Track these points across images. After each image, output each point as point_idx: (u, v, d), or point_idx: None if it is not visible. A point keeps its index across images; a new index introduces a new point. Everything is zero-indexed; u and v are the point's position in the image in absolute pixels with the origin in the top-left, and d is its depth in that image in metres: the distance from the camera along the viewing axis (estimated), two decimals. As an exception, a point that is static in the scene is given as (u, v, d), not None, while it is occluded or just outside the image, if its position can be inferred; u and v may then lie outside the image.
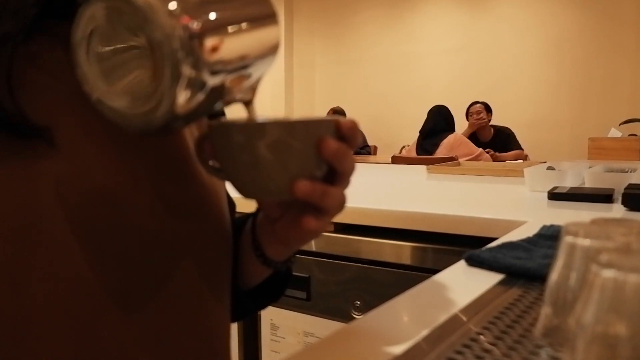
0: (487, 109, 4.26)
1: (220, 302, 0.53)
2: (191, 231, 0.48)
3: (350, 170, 0.43)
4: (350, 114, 5.30)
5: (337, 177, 0.43)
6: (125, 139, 0.44)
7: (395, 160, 3.45)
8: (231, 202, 0.58)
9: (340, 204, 0.43)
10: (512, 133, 4.27)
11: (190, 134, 0.50)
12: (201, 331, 0.50)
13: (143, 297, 0.45)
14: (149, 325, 0.45)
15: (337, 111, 5.06)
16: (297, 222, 0.43)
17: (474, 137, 4.08)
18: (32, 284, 0.39)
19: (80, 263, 0.41)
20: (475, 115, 4.19)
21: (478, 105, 4.23)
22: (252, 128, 0.40)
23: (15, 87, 0.39)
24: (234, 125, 0.41)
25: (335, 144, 0.40)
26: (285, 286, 0.61)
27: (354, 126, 0.42)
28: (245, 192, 0.44)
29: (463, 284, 0.57)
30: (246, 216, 0.57)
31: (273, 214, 0.49)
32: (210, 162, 0.45)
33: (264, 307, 0.64)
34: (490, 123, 4.27)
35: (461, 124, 4.18)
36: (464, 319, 0.46)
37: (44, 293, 0.40)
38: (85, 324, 0.41)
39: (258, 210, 0.54)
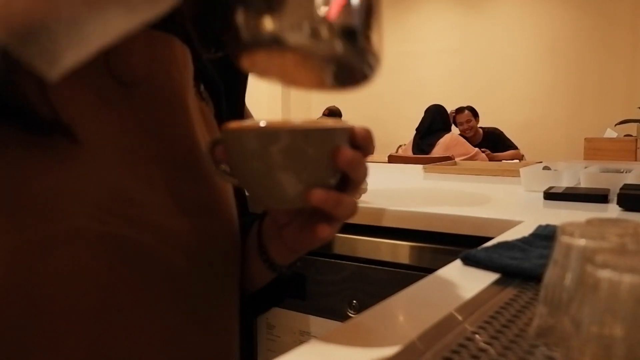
0: (474, 114, 4.23)
1: (231, 300, 0.53)
2: (204, 229, 0.48)
3: (363, 178, 0.43)
4: (347, 113, 5.30)
5: (349, 185, 0.43)
6: (140, 139, 0.44)
7: (392, 159, 3.45)
8: (244, 199, 0.58)
9: (352, 211, 0.43)
10: (502, 133, 4.27)
11: (202, 135, 0.50)
12: (214, 330, 0.50)
13: (158, 296, 0.45)
14: (164, 324, 0.45)
15: (333, 110, 5.05)
16: (310, 230, 0.44)
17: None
18: (45, 281, 0.39)
19: (96, 261, 0.41)
20: (465, 124, 4.17)
21: (466, 112, 4.20)
22: (266, 134, 0.39)
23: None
24: (248, 130, 0.40)
25: (350, 153, 0.40)
26: (287, 290, 0.61)
27: (368, 135, 0.42)
28: (257, 199, 0.43)
29: (459, 284, 0.57)
30: (251, 218, 0.57)
31: (281, 220, 0.49)
32: (222, 167, 0.44)
33: (265, 311, 0.64)
34: (479, 125, 4.26)
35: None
36: (460, 318, 0.46)
37: (57, 290, 0.39)
38: (99, 323, 0.41)
39: (264, 214, 0.54)
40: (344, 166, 0.40)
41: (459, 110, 4.25)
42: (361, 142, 0.42)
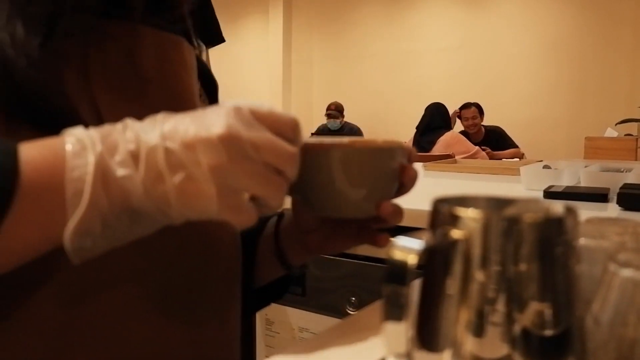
0: (480, 111, 4.23)
1: (233, 298, 0.54)
2: (208, 231, 0.49)
3: (410, 189, 0.46)
4: (348, 111, 5.29)
5: (398, 195, 0.46)
6: None
7: (392, 157, 3.44)
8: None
9: (402, 219, 0.47)
10: (504, 131, 4.26)
11: None
12: (215, 328, 0.50)
13: (178, 300, 0.45)
14: (185, 328, 0.45)
15: (337, 106, 5.06)
16: (371, 240, 0.48)
17: (466, 138, 4.08)
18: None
19: (117, 269, 0.41)
20: (470, 120, 4.17)
21: (472, 109, 4.19)
22: (344, 152, 0.41)
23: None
24: (313, 146, 0.40)
25: (414, 170, 0.44)
26: (289, 285, 0.63)
27: (415, 153, 0.46)
28: (318, 210, 0.45)
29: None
30: (260, 221, 0.58)
31: (307, 226, 0.51)
32: None
33: (264, 306, 0.65)
34: (481, 123, 4.26)
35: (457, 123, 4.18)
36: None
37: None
38: (120, 329, 0.42)
39: (279, 217, 0.55)
40: (408, 182, 0.44)
41: (466, 105, 4.24)
42: (412, 159, 0.45)
